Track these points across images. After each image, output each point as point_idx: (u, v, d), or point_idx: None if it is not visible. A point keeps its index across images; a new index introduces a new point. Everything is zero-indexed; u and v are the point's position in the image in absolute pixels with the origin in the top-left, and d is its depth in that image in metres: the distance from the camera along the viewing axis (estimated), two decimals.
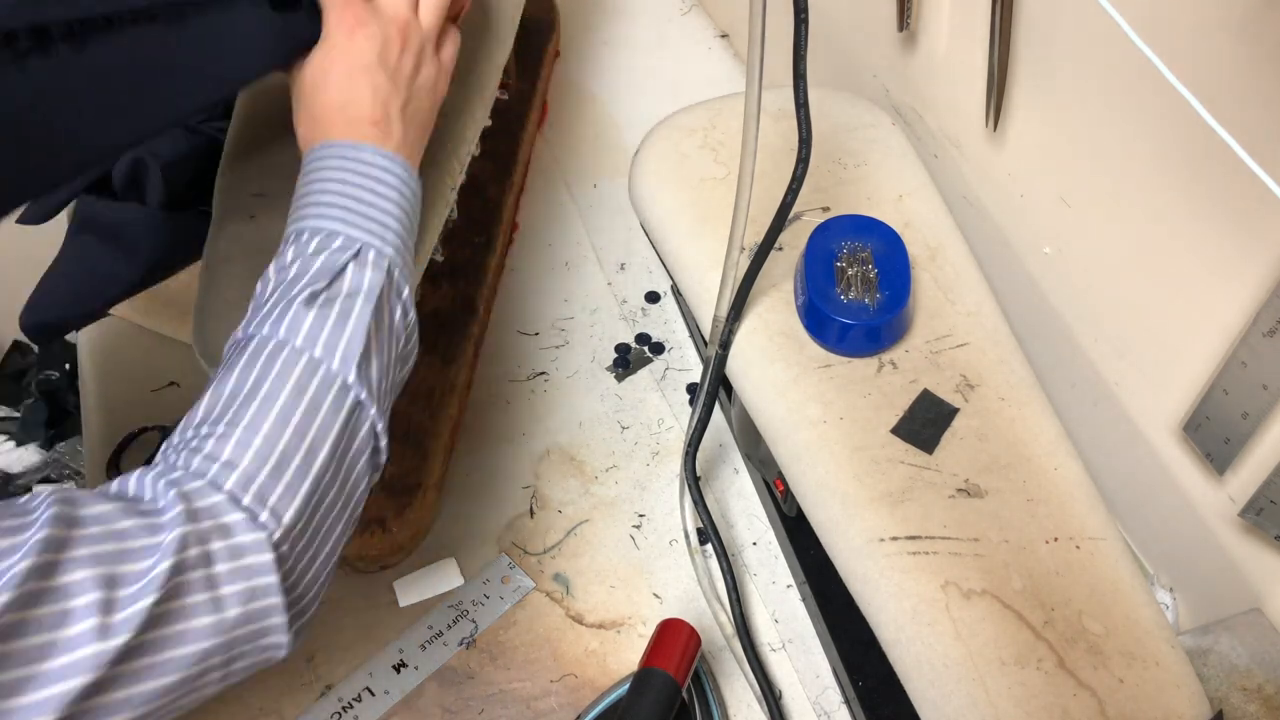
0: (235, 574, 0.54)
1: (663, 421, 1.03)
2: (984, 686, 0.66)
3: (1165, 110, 0.66)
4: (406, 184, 0.68)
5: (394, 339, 0.66)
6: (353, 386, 0.61)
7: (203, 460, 0.56)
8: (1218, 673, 0.71)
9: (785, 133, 0.82)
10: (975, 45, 0.82)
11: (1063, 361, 0.86)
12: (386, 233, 0.66)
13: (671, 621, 0.81)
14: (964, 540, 0.71)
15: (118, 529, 0.52)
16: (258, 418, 0.58)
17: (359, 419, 0.62)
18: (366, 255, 0.64)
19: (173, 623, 0.52)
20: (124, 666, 0.50)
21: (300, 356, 0.60)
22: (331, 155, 0.66)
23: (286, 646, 0.58)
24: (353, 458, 0.62)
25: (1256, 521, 0.69)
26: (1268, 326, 0.62)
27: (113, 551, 0.51)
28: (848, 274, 0.79)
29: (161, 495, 0.54)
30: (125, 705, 0.51)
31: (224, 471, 0.56)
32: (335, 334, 0.61)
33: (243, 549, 0.55)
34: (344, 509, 0.62)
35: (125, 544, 0.52)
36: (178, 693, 0.53)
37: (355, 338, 0.62)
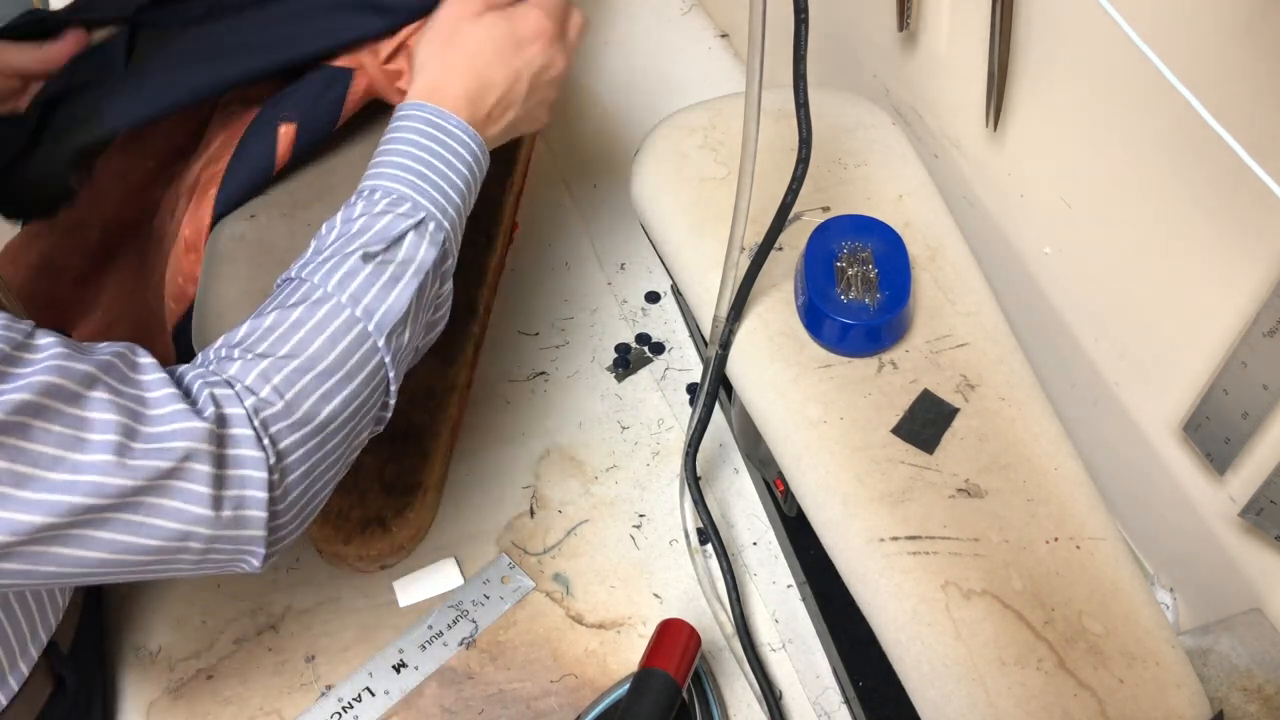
0: (236, 481, 0.59)
1: (663, 421, 1.03)
2: (984, 686, 0.66)
3: (1165, 110, 0.66)
4: (479, 161, 0.72)
5: (429, 308, 0.70)
6: (381, 350, 0.65)
7: (230, 377, 0.61)
8: (1218, 673, 0.71)
9: (785, 133, 0.82)
10: (975, 45, 0.82)
11: (1063, 361, 0.86)
12: (449, 206, 0.70)
13: (671, 621, 0.81)
14: (964, 540, 0.71)
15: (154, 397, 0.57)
16: (287, 356, 0.62)
17: (378, 379, 0.66)
18: (427, 226, 0.68)
19: (173, 497, 0.57)
20: (117, 513, 0.55)
21: (341, 311, 0.64)
22: (418, 118, 0.70)
23: (256, 565, 0.62)
24: (362, 412, 0.66)
25: (1256, 521, 0.69)
26: (1268, 326, 0.62)
27: (142, 413, 0.56)
28: (848, 274, 0.79)
29: (195, 388, 0.60)
30: (105, 545, 0.56)
31: (243, 394, 0.60)
32: (379, 298, 0.65)
33: (244, 461, 0.59)
34: (341, 457, 0.66)
35: (155, 411, 0.57)
36: (151, 559, 0.58)
37: (397, 306, 0.65)
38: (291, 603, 0.92)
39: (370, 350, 0.65)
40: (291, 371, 0.62)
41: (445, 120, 0.70)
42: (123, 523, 0.56)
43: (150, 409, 0.57)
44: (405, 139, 0.70)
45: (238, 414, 0.59)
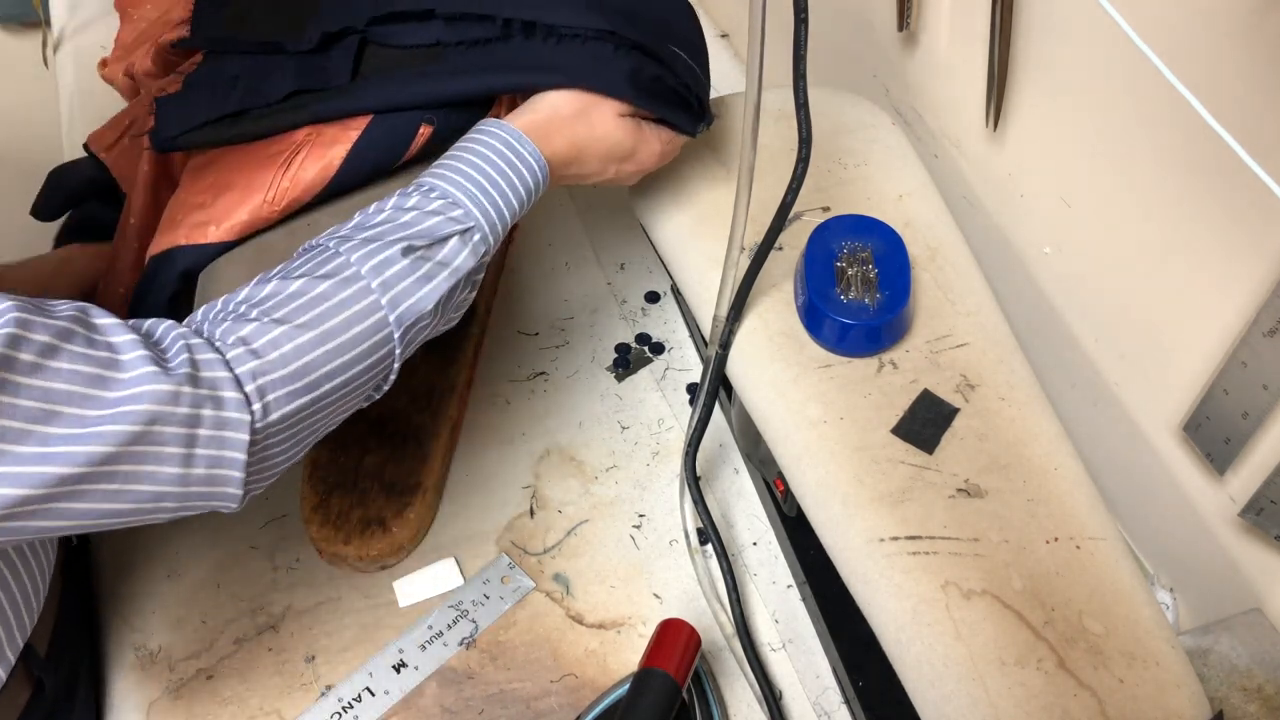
0: (211, 441, 0.59)
1: (663, 421, 1.03)
2: (984, 686, 0.66)
3: (1165, 110, 0.66)
4: (540, 187, 0.74)
5: (452, 308, 0.71)
6: (395, 341, 0.66)
7: (234, 338, 0.61)
8: (1218, 673, 0.71)
9: (785, 133, 0.82)
10: (975, 45, 0.82)
11: (1063, 361, 0.86)
12: (499, 222, 0.71)
13: (671, 621, 0.81)
14: (964, 540, 0.71)
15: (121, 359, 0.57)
16: (302, 326, 0.63)
17: (383, 364, 0.67)
18: (473, 236, 0.70)
19: (144, 461, 0.57)
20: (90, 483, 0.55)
21: (368, 295, 0.65)
22: (501, 137, 0.72)
23: (233, 508, 0.63)
24: (358, 389, 0.67)
25: (1257, 521, 0.69)
26: (1268, 326, 0.62)
27: (107, 377, 0.56)
28: (848, 274, 0.79)
29: (171, 348, 0.59)
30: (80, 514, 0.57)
31: (246, 356, 0.61)
32: (409, 291, 0.66)
33: (226, 423, 0.59)
34: (328, 423, 0.67)
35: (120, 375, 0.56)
36: (127, 519, 0.59)
37: (423, 303, 0.67)
38: (291, 603, 0.92)
39: (385, 339, 0.66)
40: (305, 341, 0.62)
41: (523, 146, 0.73)
42: (97, 492, 0.56)
43: (115, 371, 0.56)
44: (481, 151, 0.72)
45: (219, 377, 0.59)
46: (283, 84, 0.79)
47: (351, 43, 0.80)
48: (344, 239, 0.67)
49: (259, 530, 0.96)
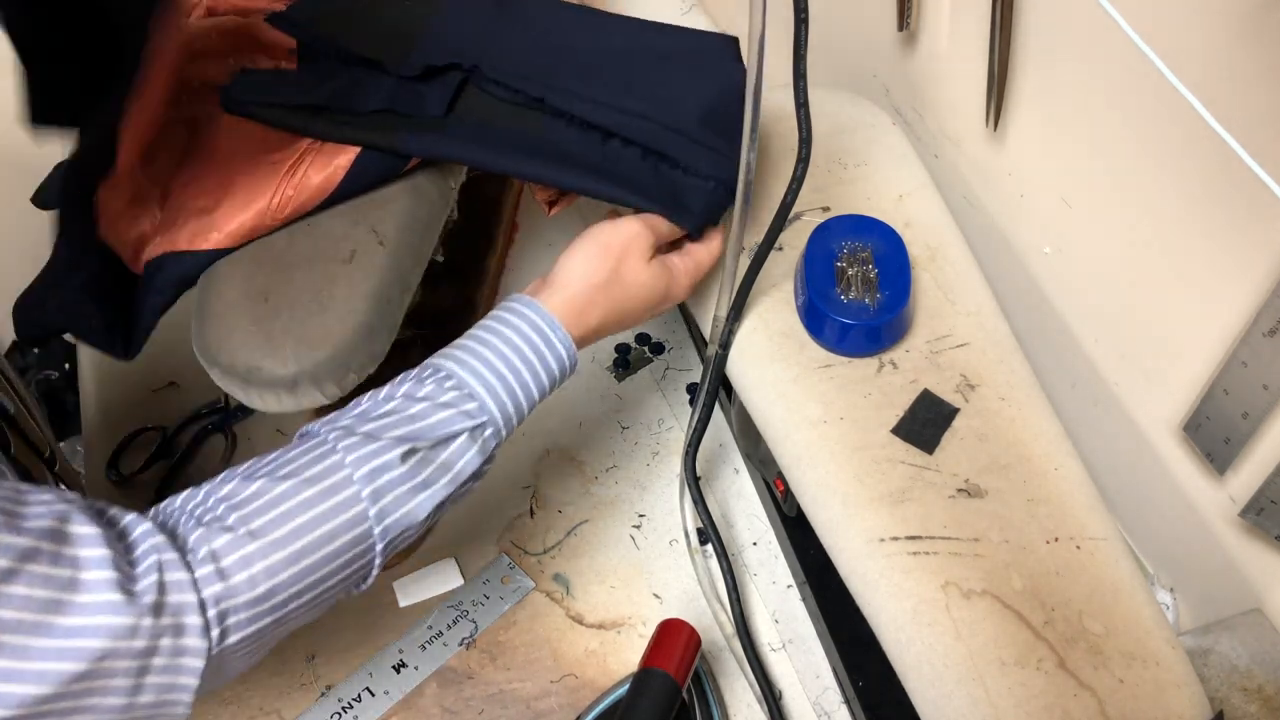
0: (165, 670, 0.55)
1: (663, 421, 1.03)
2: (984, 687, 0.66)
3: (1166, 110, 0.66)
4: (564, 375, 0.71)
5: (450, 504, 0.67)
6: (377, 551, 0.62)
7: (205, 550, 0.57)
8: (1218, 673, 0.70)
9: (785, 133, 0.82)
10: (975, 45, 0.82)
11: (1063, 362, 0.86)
12: (515, 415, 0.68)
13: (671, 621, 0.81)
14: (964, 540, 0.71)
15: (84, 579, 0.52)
16: (277, 542, 0.58)
17: (361, 571, 0.63)
18: (484, 431, 0.66)
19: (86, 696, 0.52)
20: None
21: (355, 505, 0.61)
22: (533, 322, 0.69)
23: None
24: (328, 599, 0.63)
25: (1257, 521, 0.69)
26: (1268, 326, 0.62)
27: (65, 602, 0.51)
28: (848, 274, 0.79)
29: (142, 562, 0.55)
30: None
31: (213, 576, 0.56)
32: (400, 501, 0.62)
33: (183, 651, 0.55)
34: (293, 628, 0.63)
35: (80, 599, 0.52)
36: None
37: (415, 514, 0.63)
38: None
39: (367, 549, 0.62)
40: (277, 561, 0.58)
41: (555, 333, 0.69)
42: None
43: (73, 595, 0.52)
44: (507, 335, 0.68)
45: (185, 603, 0.55)
46: (374, 99, 0.79)
47: (453, 79, 0.79)
48: (344, 432, 0.63)
49: None
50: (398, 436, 0.62)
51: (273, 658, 0.89)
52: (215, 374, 0.75)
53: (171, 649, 0.55)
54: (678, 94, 0.78)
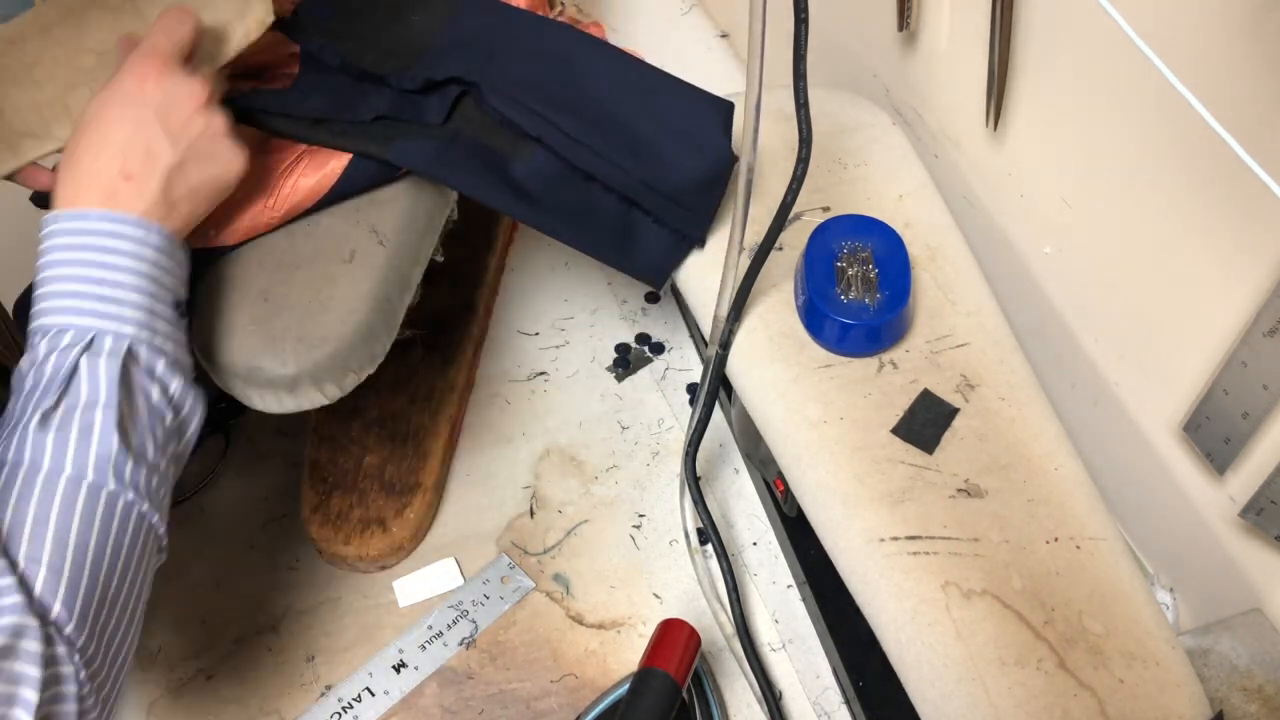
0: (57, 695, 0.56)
1: (663, 421, 1.03)
2: (984, 686, 0.66)
3: (1166, 110, 0.66)
4: (144, 244, 0.64)
5: (154, 422, 0.64)
6: (119, 491, 0.61)
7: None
8: (1218, 673, 0.71)
9: (785, 133, 0.82)
10: (975, 45, 0.82)
11: (1063, 361, 0.86)
12: (123, 309, 0.63)
13: (671, 621, 0.81)
14: (964, 540, 0.71)
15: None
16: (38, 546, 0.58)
17: (132, 518, 0.62)
18: (102, 343, 0.62)
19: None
20: None
21: (58, 477, 0.59)
22: (58, 231, 0.64)
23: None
24: (137, 557, 0.62)
25: (1257, 522, 0.69)
26: (1268, 326, 0.62)
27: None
28: (848, 274, 0.79)
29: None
30: None
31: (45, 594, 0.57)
32: (81, 450, 0.60)
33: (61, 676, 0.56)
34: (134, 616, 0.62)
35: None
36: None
37: (103, 448, 0.60)
38: (291, 603, 0.92)
39: (110, 499, 0.60)
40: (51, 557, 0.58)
41: (84, 220, 0.64)
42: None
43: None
44: (51, 260, 0.63)
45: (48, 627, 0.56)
46: (374, 107, 0.79)
47: (452, 91, 0.80)
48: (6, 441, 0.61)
49: (259, 530, 0.96)
50: (27, 418, 0.60)
51: (273, 657, 0.89)
52: (215, 374, 0.75)
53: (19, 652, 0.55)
54: (669, 159, 0.80)
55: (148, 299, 0.64)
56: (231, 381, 0.75)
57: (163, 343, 0.65)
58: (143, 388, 0.63)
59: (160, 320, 0.65)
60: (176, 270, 0.67)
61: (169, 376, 0.65)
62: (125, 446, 0.61)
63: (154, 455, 0.63)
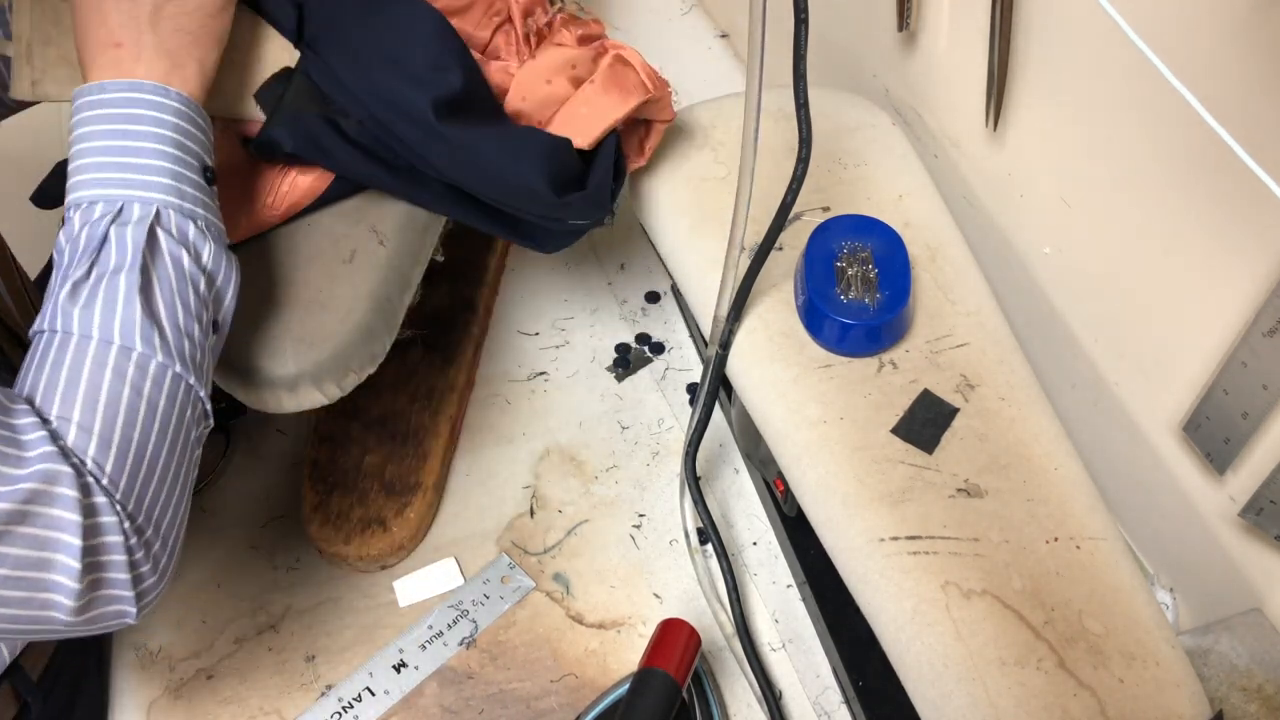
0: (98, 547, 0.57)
1: (663, 421, 1.03)
2: (984, 686, 0.66)
3: (1165, 110, 0.66)
4: (162, 109, 0.65)
5: (184, 288, 0.64)
6: (149, 354, 0.61)
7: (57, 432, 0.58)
8: (1218, 673, 0.71)
9: (785, 133, 0.82)
10: (975, 45, 0.82)
11: (1063, 362, 0.86)
12: (149, 176, 0.63)
13: (671, 621, 0.81)
14: (964, 540, 0.71)
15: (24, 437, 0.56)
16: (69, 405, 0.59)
17: (166, 381, 0.62)
18: (130, 211, 0.63)
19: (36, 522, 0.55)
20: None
21: (88, 344, 0.60)
22: (82, 106, 0.64)
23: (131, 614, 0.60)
24: (176, 421, 0.62)
25: (1256, 521, 0.69)
26: (1268, 326, 0.62)
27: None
28: (848, 274, 0.79)
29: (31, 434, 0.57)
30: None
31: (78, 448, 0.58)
32: (107, 316, 0.61)
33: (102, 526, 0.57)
34: (180, 478, 0.63)
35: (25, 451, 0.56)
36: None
37: (128, 312, 0.61)
38: (291, 603, 0.92)
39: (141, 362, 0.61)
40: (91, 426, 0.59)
41: (101, 92, 0.64)
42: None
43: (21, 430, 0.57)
44: (78, 137, 0.64)
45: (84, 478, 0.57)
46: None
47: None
48: (41, 315, 0.63)
49: (259, 530, 0.96)
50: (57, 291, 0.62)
51: (273, 657, 0.89)
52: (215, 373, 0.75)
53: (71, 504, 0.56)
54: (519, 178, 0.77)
55: (173, 164, 0.64)
56: (231, 382, 0.75)
57: (192, 208, 0.65)
58: (171, 253, 0.63)
59: (188, 185, 0.65)
60: (199, 135, 0.67)
61: (200, 242, 0.65)
62: (150, 311, 0.62)
63: (186, 321, 0.64)
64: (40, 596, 0.56)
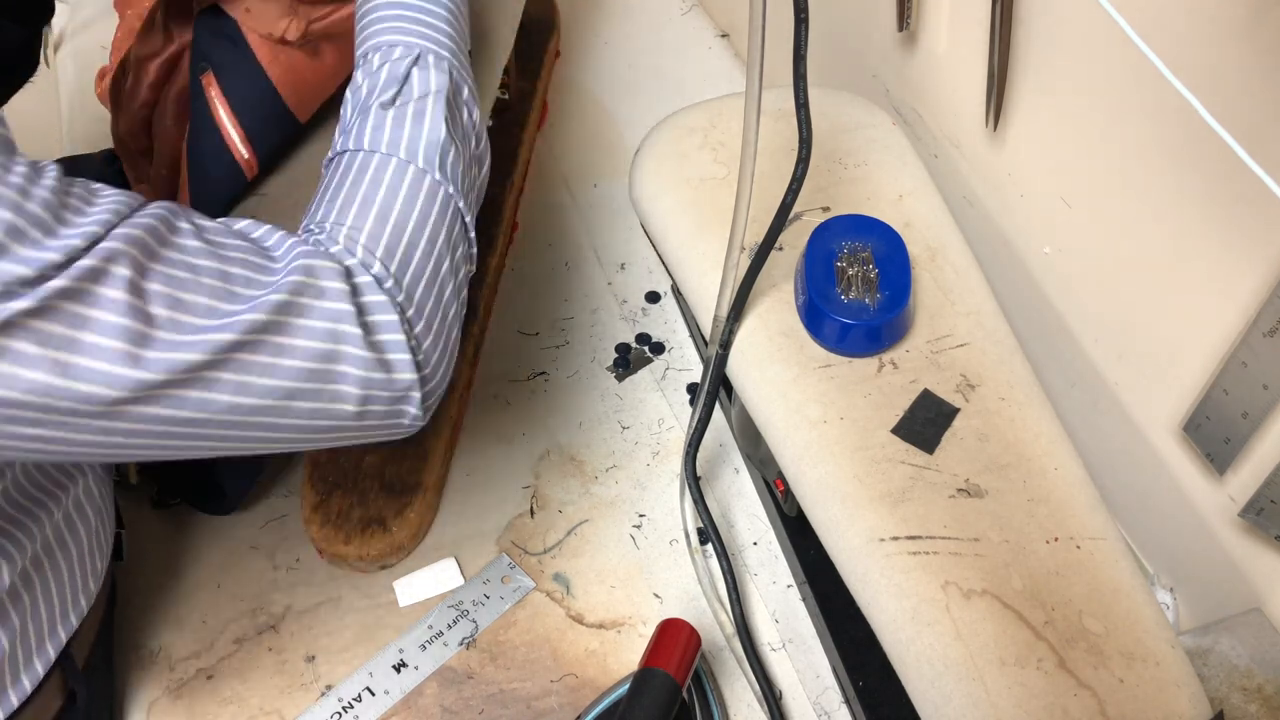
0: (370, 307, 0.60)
1: (663, 421, 1.03)
2: (984, 686, 0.66)
3: (1165, 110, 0.66)
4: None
5: (467, 138, 0.70)
6: (441, 182, 0.66)
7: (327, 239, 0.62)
8: (1218, 673, 0.71)
9: (785, 133, 0.82)
10: (975, 45, 0.82)
11: (1063, 361, 0.86)
12: (440, 36, 0.70)
13: (671, 621, 0.81)
14: (964, 540, 0.71)
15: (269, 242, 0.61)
16: (362, 217, 0.63)
17: (449, 209, 0.67)
18: (427, 59, 0.69)
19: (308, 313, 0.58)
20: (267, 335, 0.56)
21: (389, 161, 0.65)
22: None
23: (416, 413, 0.64)
24: (451, 245, 0.67)
25: (1257, 521, 0.69)
26: (1268, 326, 0.62)
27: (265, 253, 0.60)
28: (848, 274, 0.79)
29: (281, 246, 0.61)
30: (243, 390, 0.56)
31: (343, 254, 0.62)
32: (414, 135, 0.66)
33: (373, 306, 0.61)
34: (453, 292, 0.67)
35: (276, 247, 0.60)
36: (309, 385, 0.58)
37: (434, 135, 0.66)
38: (291, 603, 0.92)
39: (433, 186, 0.66)
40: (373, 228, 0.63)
41: None
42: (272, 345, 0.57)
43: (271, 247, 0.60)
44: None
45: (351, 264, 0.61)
46: None
47: None
48: (337, 142, 0.68)
49: (259, 530, 0.96)
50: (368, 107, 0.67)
51: (273, 657, 0.89)
52: None
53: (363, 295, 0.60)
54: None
55: (456, 33, 0.72)
56: None
57: (464, 73, 0.71)
58: (463, 106, 0.70)
59: (462, 55, 0.72)
60: (464, 22, 0.74)
61: (472, 104, 0.71)
62: (452, 138, 0.67)
63: (469, 162, 0.70)
64: (330, 388, 0.59)
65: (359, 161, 0.65)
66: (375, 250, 0.62)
